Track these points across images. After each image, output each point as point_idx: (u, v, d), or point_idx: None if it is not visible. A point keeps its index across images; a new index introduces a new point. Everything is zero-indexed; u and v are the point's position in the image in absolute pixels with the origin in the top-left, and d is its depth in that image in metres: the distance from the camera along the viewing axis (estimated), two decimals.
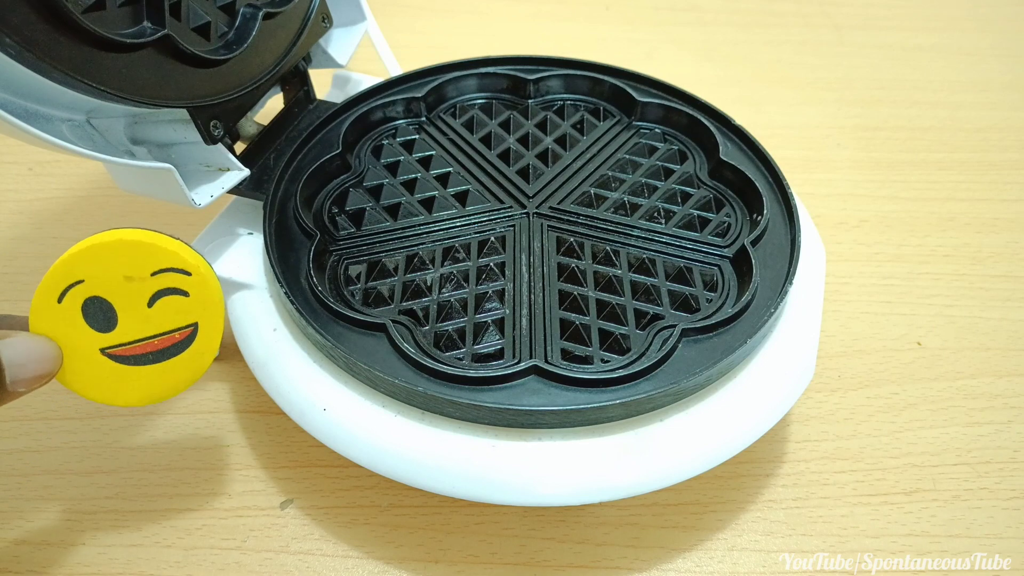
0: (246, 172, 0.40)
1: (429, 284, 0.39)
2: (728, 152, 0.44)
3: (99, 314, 0.31)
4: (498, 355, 0.36)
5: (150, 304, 0.32)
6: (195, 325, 0.32)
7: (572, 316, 0.37)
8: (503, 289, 0.38)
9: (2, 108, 0.29)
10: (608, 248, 0.40)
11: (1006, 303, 0.51)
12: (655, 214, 0.42)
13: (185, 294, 0.32)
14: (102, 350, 0.32)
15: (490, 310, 0.37)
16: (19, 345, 0.30)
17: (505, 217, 0.42)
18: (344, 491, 0.40)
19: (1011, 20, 0.77)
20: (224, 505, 0.40)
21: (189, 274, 0.32)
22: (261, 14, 0.40)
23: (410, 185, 0.43)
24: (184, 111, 0.37)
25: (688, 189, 0.43)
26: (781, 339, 0.37)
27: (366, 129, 0.46)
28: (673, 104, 0.47)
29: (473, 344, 0.36)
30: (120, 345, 0.32)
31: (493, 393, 0.33)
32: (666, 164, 0.45)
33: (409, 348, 0.34)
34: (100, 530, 0.38)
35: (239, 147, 0.43)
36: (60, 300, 0.31)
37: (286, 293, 0.36)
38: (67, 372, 0.32)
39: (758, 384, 0.36)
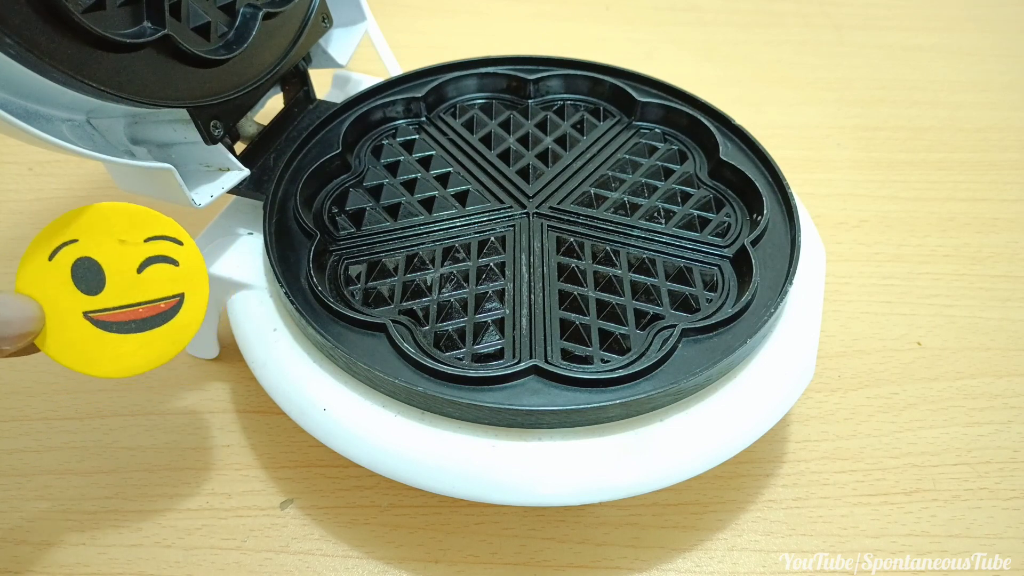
0: (246, 172, 0.40)
1: (429, 284, 0.39)
2: (728, 152, 0.44)
3: (88, 276, 0.31)
4: (498, 355, 0.36)
5: (140, 270, 0.32)
6: (181, 296, 0.33)
7: (572, 316, 0.37)
8: (503, 289, 0.38)
9: (2, 108, 0.29)
10: (608, 248, 0.40)
11: (1006, 303, 0.51)
12: (655, 214, 0.42)
13: (175, 263, 0.32)
14: (86, 313, 0.31)
15: (490, 310, 0.37)
16: (4, 303, 0.30)
17: (505, 217, 0.42)
18: (344, 491, 0.40)
19: (1011, 20, 0.77)
20: (224, 505, 0.40)
21: (181, 243, 0.33)
22: (261, 14, 0.40)
23: (410, 185, 0.43)
24: (184, 111, 0.37)
25: (688, 189, 0.43)
26: (781, 339, 0.37)
27: (366, 129, 0.46)
28: (673, 104, 0.47)
29: (473, 344, 0.36)
30: (105, 310, 0.32)
31: (493, 393, 0.33)
32: (666, 164, 0.45)
33: (409, 348, 0.34)
34: (100, 530, 0.39)
35: (239, 147, 0.43)
36: (51, 258, 0.31)
37: (286, 293, 0.36)
38: (47, 336, 0.31)
39: (758, 384, 0.36)
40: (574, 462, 0.33)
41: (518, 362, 0.35)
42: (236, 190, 0.41)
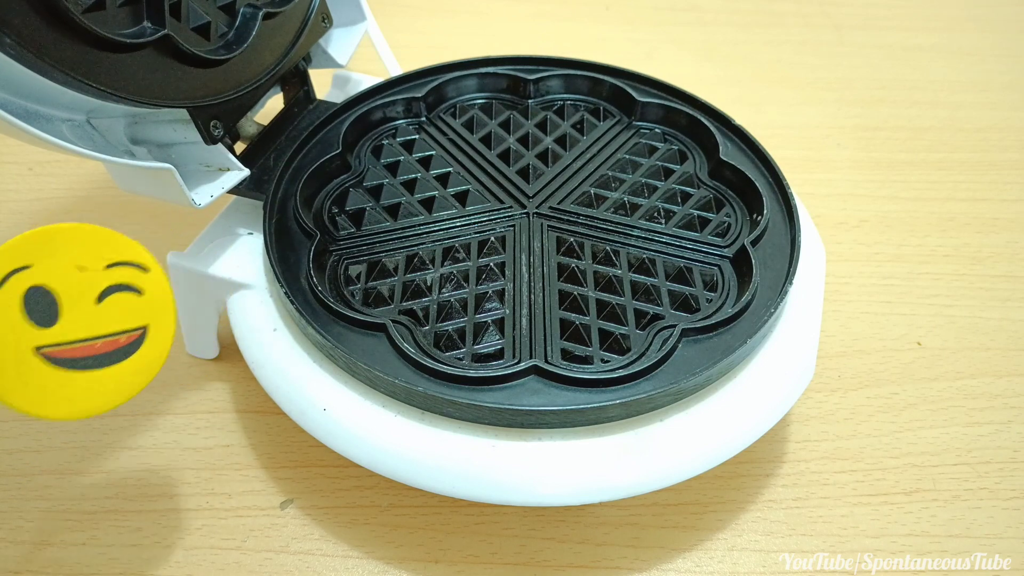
0: (246, 172, 0.40)
1: (429, 284, 0.39)
2: (728, 152, 0.44)
3: (41, 306, 0.28)
4: (498, 355, 0.36)
5: (99, 300, 0.29)
6: (144, 329, 0.30)
7: (572, 316, 0.37)
8: (503, 289, 0.38)
9: (2, 108, 0.29)
10: (608, 248, 0.40)
11: (1006, 303, 0.51)
12: (655, 214, 0.42)
13: (139, 292, 0.29)
14: (37, 348, 0.28)
15: (490, 310, 0.37)
16: None
17: (505, 217, 0.42)
18: (344, 491, 0.40)
19: (1011, 20, 0.77)
20: (224, 505, 0.40)
21: (147, 270, 0.29)
22: (261, 14, 0.40)
23: (410, 185, 0.43)
24: (184, 111, 0.37)
25: (688, 189, 0.43)
26: (781, 339, 0.37)
27: (366, 129, 0.46)
28: (673, 104, 0.47)
29: (473, 344, 0.36)
30: (59, 345, 0.28)
31: (493, 393, 0.33)
32: (666, 164, 0.45)
33: (409, 348, 0.34)
34: (100, 530, 0.38)
35: (239, 147, 0.43)
36: (0, 285, 0.27)
37: (286, 293, 0.36)
38: None
39: (758, 384, 0.36)
40: (574, 462, 0.33)
41: (518, 362, 0.35)
42: (236, 190, 0.41)
